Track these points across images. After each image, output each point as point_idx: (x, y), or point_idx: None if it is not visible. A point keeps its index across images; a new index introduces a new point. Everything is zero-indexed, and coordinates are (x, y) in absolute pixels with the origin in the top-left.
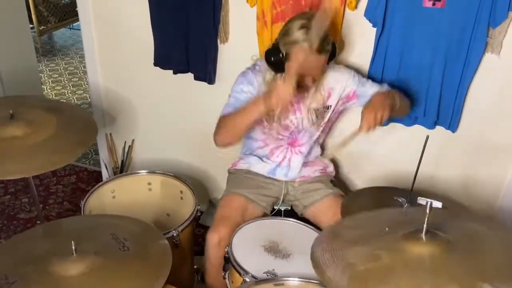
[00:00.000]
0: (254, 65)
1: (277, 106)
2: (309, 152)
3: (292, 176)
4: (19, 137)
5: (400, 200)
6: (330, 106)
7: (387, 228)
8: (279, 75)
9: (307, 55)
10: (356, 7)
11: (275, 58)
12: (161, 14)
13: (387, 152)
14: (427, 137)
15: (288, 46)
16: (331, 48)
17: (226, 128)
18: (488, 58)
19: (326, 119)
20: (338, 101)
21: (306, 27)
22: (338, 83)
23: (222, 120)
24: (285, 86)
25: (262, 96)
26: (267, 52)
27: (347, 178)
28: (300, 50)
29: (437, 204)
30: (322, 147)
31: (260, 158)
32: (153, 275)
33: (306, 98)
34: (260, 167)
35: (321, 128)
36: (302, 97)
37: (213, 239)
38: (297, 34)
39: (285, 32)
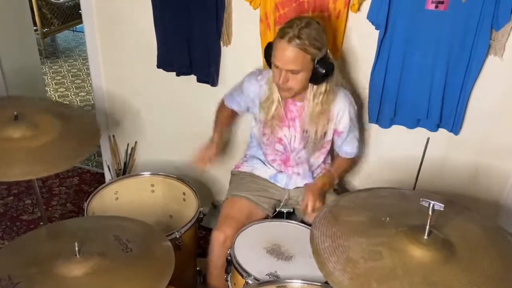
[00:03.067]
0: (260, 71)
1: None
2: (308, 171)
3: (292, 186)
4: (23, 138)
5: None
6: (327, 133)
7: (387, 218)
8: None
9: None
10: (359, 9)
11: (268, 51)
12: (164, 16)
13: (389, 155)
14: (428, 139)
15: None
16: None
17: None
18: (491, 61)
19: (322, 146)
20: (333, 131)
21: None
22: (339, 111)
23: (219, 108)
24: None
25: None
26: (265, 47)
27: (349, 182)
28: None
29: (439, 206)
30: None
31: (263, 162)
32: (156, 277)
33: (304, 118)
34: (263, 171)
35: (316, 154)
36: (298, 111)
37: (219, 238)
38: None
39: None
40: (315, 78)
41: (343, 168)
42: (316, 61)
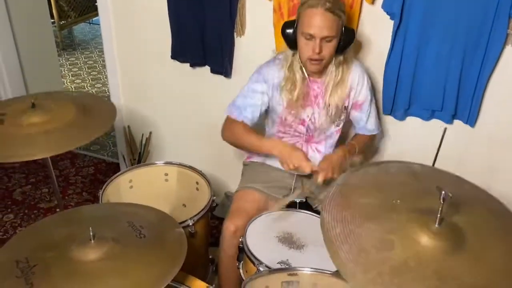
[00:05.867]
0: (274, 58)
1: (291, 167)
2: (327, 151)
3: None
4: (39, 123)
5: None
6: (347, 106)
7: (398, 201)
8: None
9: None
10: (373, 2)
11: (288, 29)
12: (179, 7)
13: (403, 147)
14: (445, 130)
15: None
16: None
17: (232, 138)
18: (509, 51)
19: (342, 118)
20: (352, 103)
21: None
22: (358, 81)
23: (229, 126)
24: (296, 153)
25: (277, 150)
26: (283, 25)
27: None
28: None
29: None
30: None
31: None
32: (169, 262)
33: (326, 91)
34: (275, 161)
35: (338, 128)
36: (320, 88)
37: (230, 228)
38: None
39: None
40: (341, 45)
41: (363, 142)
42: (343, 26)
